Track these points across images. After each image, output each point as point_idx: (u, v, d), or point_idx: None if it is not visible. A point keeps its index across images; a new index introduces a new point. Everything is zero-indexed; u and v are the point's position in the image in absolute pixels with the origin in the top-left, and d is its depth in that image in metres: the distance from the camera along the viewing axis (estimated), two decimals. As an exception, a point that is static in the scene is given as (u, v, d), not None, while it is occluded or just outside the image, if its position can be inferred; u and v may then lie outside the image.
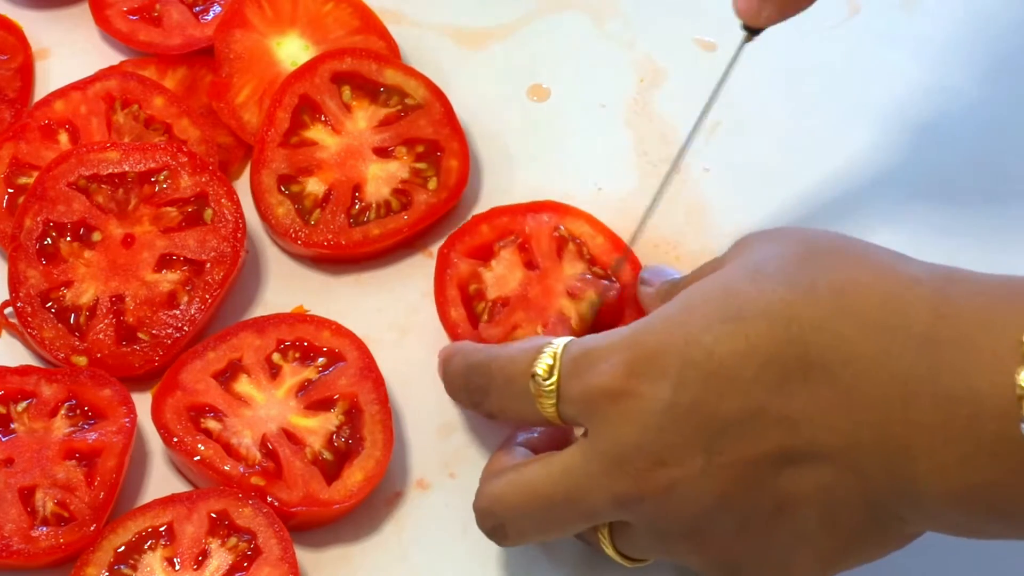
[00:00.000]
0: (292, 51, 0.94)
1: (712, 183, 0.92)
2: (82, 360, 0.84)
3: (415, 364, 0.85)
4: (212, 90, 0.92)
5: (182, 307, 0.85)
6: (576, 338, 0.75)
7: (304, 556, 0.80)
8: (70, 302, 0.86)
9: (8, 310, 0.86)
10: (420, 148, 0.90)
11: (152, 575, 0.78)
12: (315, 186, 0.89)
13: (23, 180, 0.89)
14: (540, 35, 0.97)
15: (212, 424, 0.82)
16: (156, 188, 0.88)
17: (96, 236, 0.87)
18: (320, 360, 0.84)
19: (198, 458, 0.81)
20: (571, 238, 0.87)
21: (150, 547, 0.79)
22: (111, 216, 0.87)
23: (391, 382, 0.84)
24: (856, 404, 0.67)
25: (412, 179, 0.90)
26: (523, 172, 0.92)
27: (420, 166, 0.90)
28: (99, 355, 0.85)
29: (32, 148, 0.90)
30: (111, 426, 0.82)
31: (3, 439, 0.82)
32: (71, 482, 0.81)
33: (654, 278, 0.84)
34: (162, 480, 0.84)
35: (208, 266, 0.86)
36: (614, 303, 0.85)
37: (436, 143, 0.90)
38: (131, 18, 0.95)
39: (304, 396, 0.83)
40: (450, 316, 0.85)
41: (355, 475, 0.81)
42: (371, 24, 0.94)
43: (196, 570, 0.78)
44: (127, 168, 0.88)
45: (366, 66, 0.91)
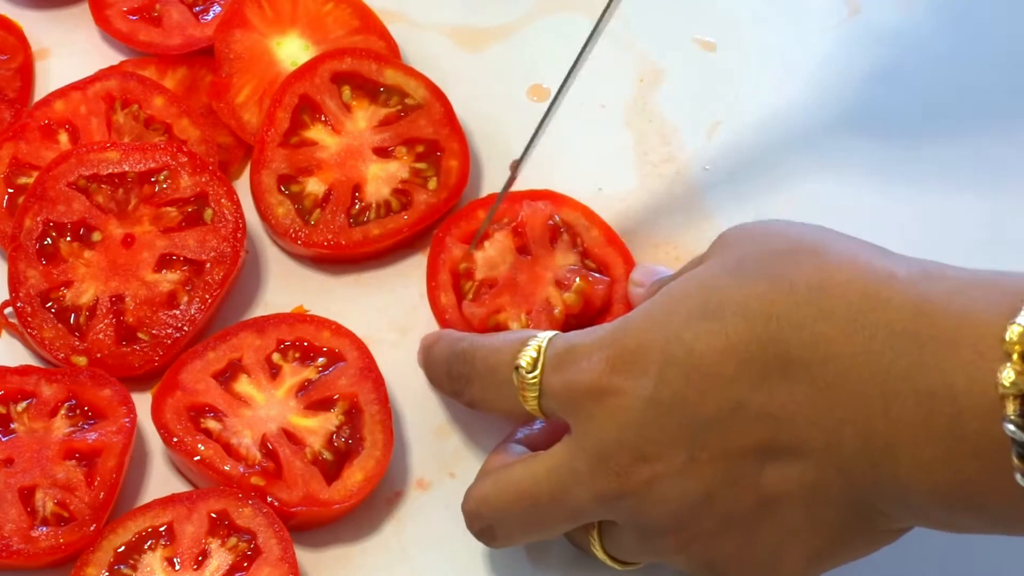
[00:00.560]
0: (292, 51, 0.94)
1: (712, 183, 0.92)
2: (82, 360, 0.84)
3: (415, 364, 0.85)
4: (212, 90, 0.92)
5: (182, 307, 0.85)
6: (561, 332, 0.75)
7: (304, 556, 0.80)
8: (70, 302, 0.86)
9: (8, 310, 0.86)
10: (420, 148, 0.90)
11: (152, 575, 0.78)
12: (315, 186, 0.89)
13: (23, 180, 0.89)
14: (540, 35, 0.97)
15: (212, 424, 0.82)
16: (156, 188, 0.88)
17: (96, 236, 0.87)
18: (320, 360, 0.84)
19: (198, 458, 0.81)
20: (565, 228, 0.87)
21: (150, 547, 0.79)
22: (111, 216, 0.87)
23: (391, 382, 0.84)
24: (837, 401, 0.67)
25: (412, 179, 0.90)
26: (523, 172, 0.92)
27: (420, 166, 0.90)
28: (99, 355, 0.85)
29: (32, 148, 0.90)
30: (111, 426, 0.82)
31: (3, 439, 0.82)
32: (71, 482, 0.81)
33: (645, 278, 0.84)
34: (162, 480, 0.84)
35: (208, 266, 0.86)
36: (603, 296, 0.85)
37: (436, 143, 0.90)
38: (131, 18, 0.95)
39: (304, 396, 0.83)
40: (439, 301, 0.86)
41: (355, 475, 0.81)
42: (371, 24, 0.94)
43: (196, 570, 0.78)
44: (127, 168, 0.88)
45: (366, 66, 0.91)
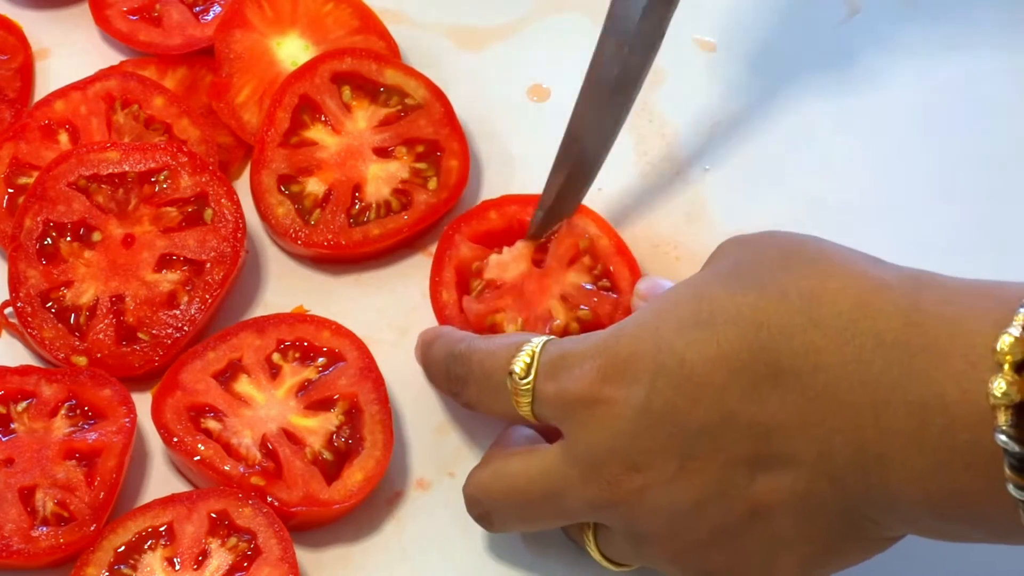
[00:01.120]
0: (292, 51, 0.94)
1: (712, 183, 0.92)
2: (82, 360, 0.84)
3: (415, 364, 0.85)
4: (212, 90, 0.92)
5: (182, 307, 0.85)
6: (556, 338, 0.75)
7: (304, 556, 0.80)
8: (70, 302, 0.86)
9: (8, 310, 0.86)
10: (420, 148, 0.90)
11: (152, 575, 0.78)
12: (315, 186, 0.89)
13: (23, 180, 0.89)
14: (540, 35, 0.97)
15: (212, 424, 0.82)
16: (156, 188, 0.88)
17: (96, 236, 0.87)
18: (320, 360, 0.84)
19: (198, 458, 0.81)
20: (591, 252, 0.86)
21: (150, 547, 0.79)
22: (111, 216, 0.87)
23: (391, 382, 0.84)
24: (827, 411, 0.67)
25: (412, 179, 0.90)
26: (523, 172, 0.92)
27: (420, 166, 0.90)
28: (99, 355, 0.85)
29: (32, 148, 0.90)
30: (111, 426, 0.82)
31: (3, 439, 0.82)
32: (71, 482, 0.81)
33: (649, 291, 0.83)
34: (162, 480, 0.84)
35: (208, 266, 0.86)
36: (609, 315, 0.85)
37: (436, 143, 0.90)
38: (131, 18, 0.95)
39: (304, 396, 0.83)
40: (440, 297, 0.86)
41: (355, 475, 0.81)
42: (371, 24, 0.94)
43: (196, 570, 0.78)
44: (127, 168, 0.88)
45: (366, 66, 0.91)
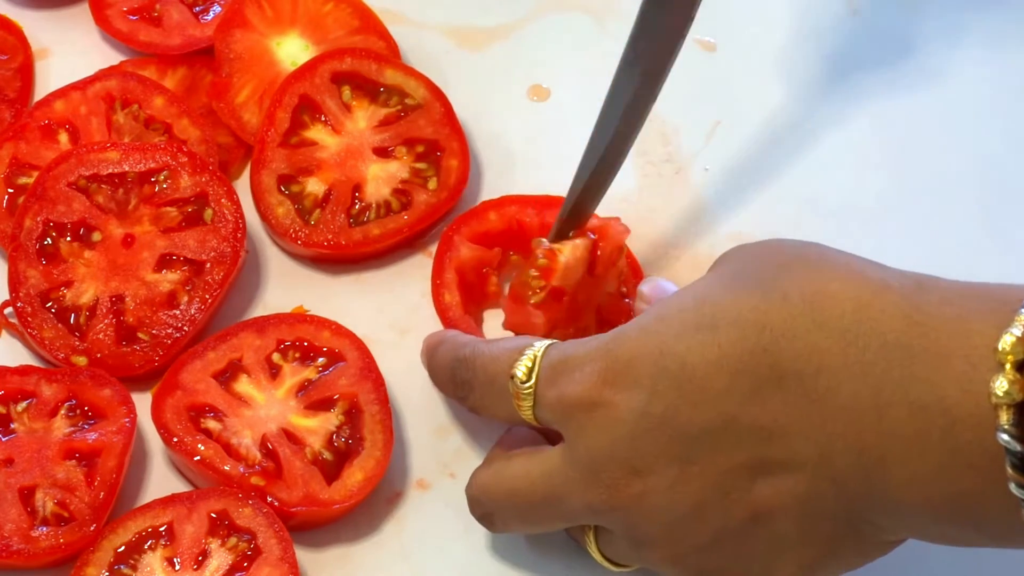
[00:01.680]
0: (292, 51, 0.94)
1: (712, 183, 0.92)
2: (82, 360, 0.84)
3: (415, 364, 0.85)
4: (212, 90, 0.92)
5: (182, 307, 0.85)
6: (558, 342, 0.75)
7: (304, 556, 0.80)
8: (70, 302, 0.86)
9: (8, 310, 0.86)
10: (420, 148, 0.90)
11: (152, 575, 0.78)
12: (315, 186, 0.89)
13: (23, 180, 0.89)
14: (540, 35, 0.97)
15: (212, 424, 0.82)
16: (156, 188, 0.88)
17: (96, 236, 0.87)
18: (320, 360, 0.84)
19: (198, 458, 0.81)
20: (623, 259, 0.86)
21: (150, 547, 0.79)
22: (111, 216, 0.87)
23: (391, 382, 0.84)
24: (829, 413, 0.67)
25: (412, 179, 0.90)
26: (523, 172, 0.92)
27: (420, 166, 0.90)
28: (99, 355, 0.85)
29: (32, 148, 0.90)
30: (111, 426, 0.82)
31: (3, 439, 0.82)
32: (71, 482, 0.81)
33: (653, 294, 0.83)
34: (162, 480, 0.84)
35: (208, 266, 0.86)
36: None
37: (436, 143, 0.90)
38: (131, 18, 0.95)
39: (304, 396, 0.83)
40: (443, 299, 0.86)
41: (355, 475, 0.81)
42: (371, 24, 0.94)
43: (196, 570, 0.78)
44: (127, 168, 0.88)
45: (366, 66, 0.91)
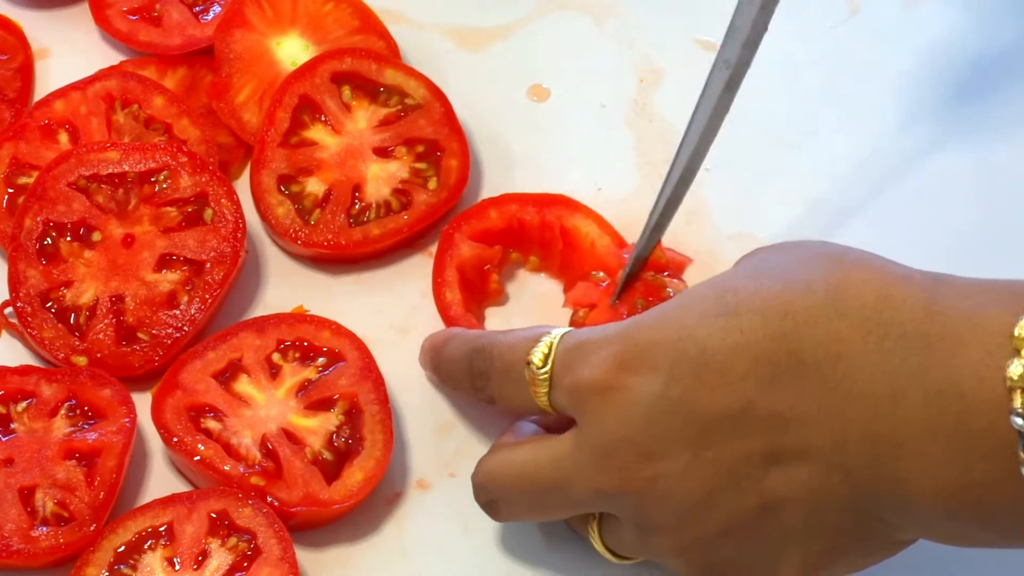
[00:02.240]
0: (292, 51, 0.94)
1: (712, 183, 0.92)
2: (82, 360, 0.84)
3: (415, 364, 0.85)
4: (212, 90, 0.92)
5: (182, 307, 0.85)
6: (574, 329, 0.76)
7: (304, 556, 0.80)
8: (70, 302, 0.86)
9: (8, 310, 0.86)
10: (420, 148, 0.90)
11: (152, 575, 0.78)
12: (315, 186, 0.89)
13: (23, 180, 0.89)
14: (540, 35, 0.97)
15: (212, 424, 0.82)
16: (156, 188, 0.88)
17: (96, 236, 0.87)
18: (320, 360, 0.84)
19: (198, 458, 0.81)
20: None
21: (150, 547, 0.79)
22: (111, 216, 0.87)
23: (391, 382, 0.84)
24: (846, 400, 0.67)
25: (412, 179, 0.90)
26: (523, 172, 0.92)
27: (420, 166, 0.90)
28: (99, 355, 0.85)
29: (32, 148, 0.90)
30: (111, 426, 0.82)
31: (3, 439, 0.82)
32: (71, 482, 0.81)
33: None
34: (162, 480, 0.84)
35: (208, 266, 0.86)
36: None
37: (436, 143, 0.90)
38: (131, 18, 0.95)
39: (304, 396, 0.83)
40: (444, 297, 0.86)
41: (355, 475, 0.81)
42: (371, 24, 0.94)
43: (196, 570, 0.78)
44: (127, 168, 0.88)
45: (366, 66, 0.91)
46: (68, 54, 0.96)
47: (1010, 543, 0.67)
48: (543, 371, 0.74)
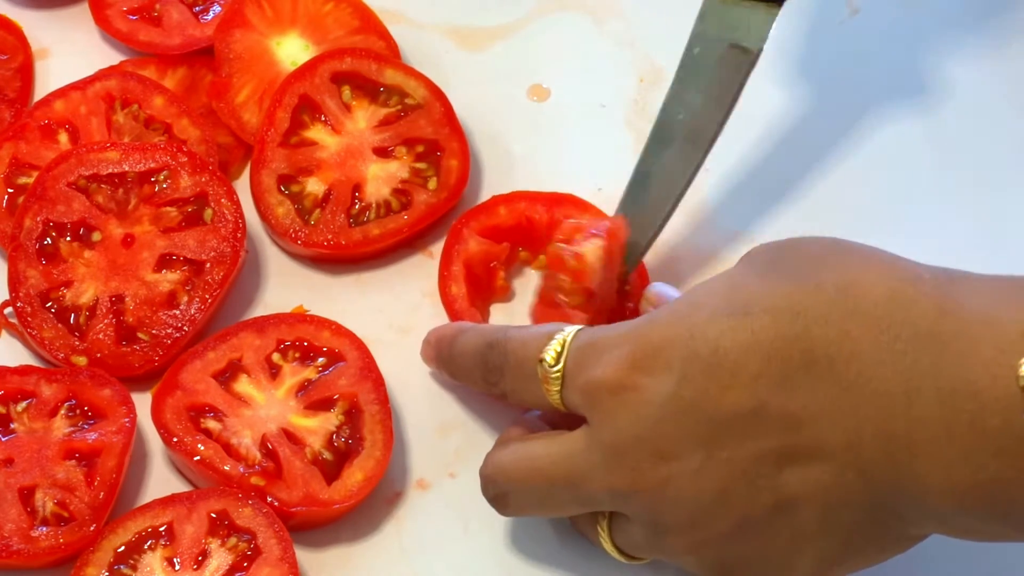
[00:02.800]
0: (292, 51, 0.94)
1: (712, 183, 0.92)
2: (82, 360, 0.84)
3: (415, 364, 0.85)
4: (212, 90, 0.92)
5: (182, 307, 0.85)
6: (587, 327, 0.76)
7: (304, 556, 0.80)
8: (70, 302, 0.86)
9: (8, 310, 0.86)
10: (420, 148, 0.90)
11: (152, 575, 0.78)
12: (315, 186, 0.89)
13: (23, 180, 0.89)
14: (540, 35, 0.97)
15: (212, 424, 0.82)
16: (156, 188, 0.88)
17: (96, 236, 0.87)
18: (320, 360, 0.84)
19: (198, 458, 0.81)
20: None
21: (150, 547, 0.79)
22: (111, 216, 0.87)
23: (391, 382, 0.84)
24: (859, 400, 0.67)
25: (412, 179, 0.90)
26: (523, 172, 0.92)
27: (420, 166, 0.90)
28: (99, 355, 0.85)
29: (32, 148, 0.90)
30: (111, 426, 0.82)
31: (3, 439, 0.82)
32: (71, 482, 0.81)
33: (660, 298, 0.83)
34: (162, 480, 0.84)
35: (208, 266, 0.86)
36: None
37: (436, 143, 0.90)
38: (131, 18, 0.95)
39: (304, 396, 0.83)
40: (449, 290, 0.86)
41: (355, 475, 0.81)
42: (371, 24, 0.94)
43: (196, 570, 0.78)
44: (127, 168, 0.88)
45: (366, 66, 0.91)
46: (68, 54, 0.96)
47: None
48: (555, 369, 0.74)
